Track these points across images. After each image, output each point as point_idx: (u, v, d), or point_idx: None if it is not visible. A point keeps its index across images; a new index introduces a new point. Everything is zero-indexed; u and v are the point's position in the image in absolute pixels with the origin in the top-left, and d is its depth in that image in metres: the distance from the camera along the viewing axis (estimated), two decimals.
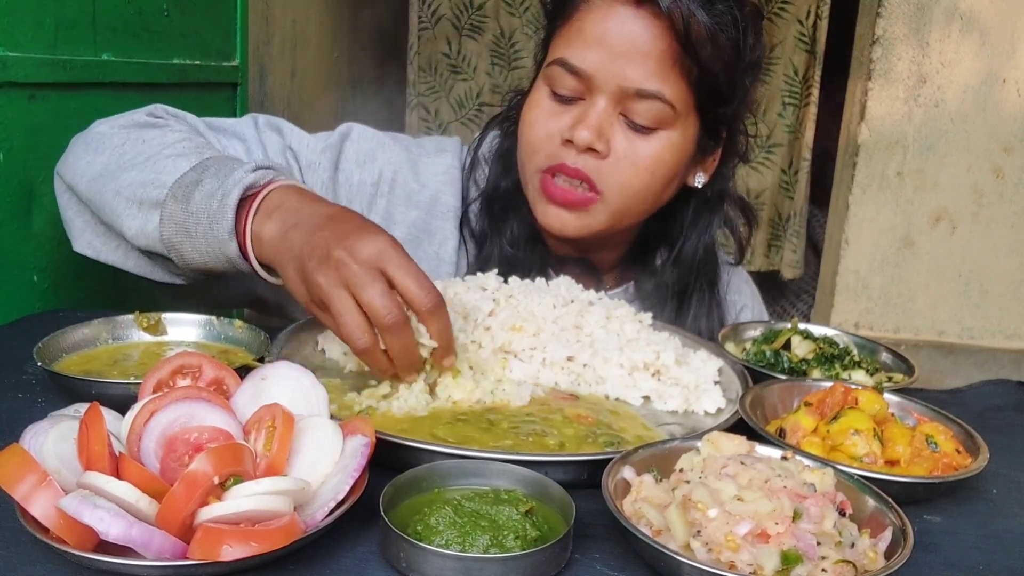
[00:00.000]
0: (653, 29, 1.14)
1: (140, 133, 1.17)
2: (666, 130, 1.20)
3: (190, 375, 0.82)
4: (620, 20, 1.15)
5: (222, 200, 1.01)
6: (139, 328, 1.07)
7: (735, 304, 1.48)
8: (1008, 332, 2.74)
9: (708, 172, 1.33)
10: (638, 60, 1.15)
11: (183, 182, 1.06)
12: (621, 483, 0.74)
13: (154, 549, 0.60)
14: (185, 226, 1.04)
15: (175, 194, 1.05)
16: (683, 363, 1.06)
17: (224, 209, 1.01)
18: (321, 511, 0.67)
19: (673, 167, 1.23)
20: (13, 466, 0.62)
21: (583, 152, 1.18)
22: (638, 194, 1.22)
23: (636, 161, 1.19)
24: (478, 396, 0.95)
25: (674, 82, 1.17)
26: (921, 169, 2.66)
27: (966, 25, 2.57)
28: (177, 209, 1.05)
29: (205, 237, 1.03)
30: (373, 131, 1.36)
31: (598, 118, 1.18)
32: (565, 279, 1.19)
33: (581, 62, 1.17)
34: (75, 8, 1.37)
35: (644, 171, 1.20)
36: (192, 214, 1.04)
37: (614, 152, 1.19)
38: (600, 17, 1.17)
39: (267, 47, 2.48)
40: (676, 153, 1.22)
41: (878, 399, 0.93)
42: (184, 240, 1.05)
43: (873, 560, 0.66)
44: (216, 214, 1.01)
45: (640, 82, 1.15)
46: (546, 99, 1.23)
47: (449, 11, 3.61)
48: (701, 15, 1.13)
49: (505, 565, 0.63)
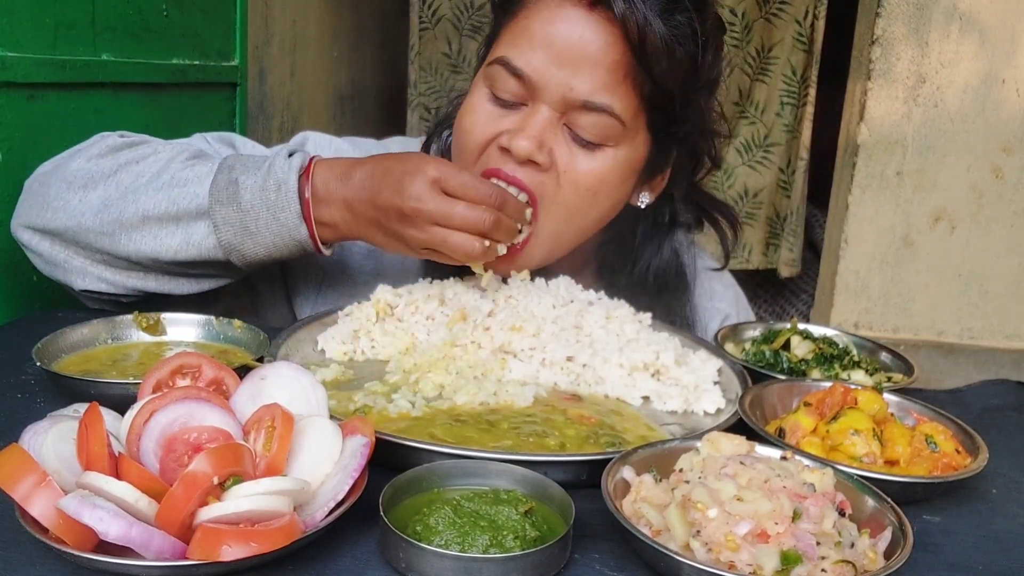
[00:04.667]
0: (605, 36, 1.06)
1: (128, 156, 1.13)
2: (612, 147, 1.11)
3: (189, 375, 0.82)
4: (570, 23, 1.06)
5: (278, 190, 1.05)
6: (138, 328, 1.07)
7: (718, 311, 1.41)
8: (1008, 332, 2.74)
9: (655, 192, 1.25)
10: (587, 69, 1.06)
11: (219, 185, 1.07)
12: (621, 483, 0.74)
13: (153, 549, 0.59)
14: (243, 224, 1.07)
15: (218, 198, 1.07)
16: (683, 363, 1.06)
17: (288, 197, 1.05)
18: (321, 511, 0.67)
19: (617, 187, 1.15)
20: (13, 466, 0.62)
21: (522, 164, 1.10)
22: (576, 215, 1.14)
23: (577, 179, 1.11)
24: (481, 398, 0.95)
25: (624, 95, 1.08)
26: (920, 169, 2.66)
27: (965, 25, 2.57)
28: (229, 211, 1.07)
29: (269, 229, 1.07)
30: (330, 138, 1.32)
31: (540, 128, 1.08)
32: (565, 279, 1.18)
33: (525, 65, 1.08)
34: (75, 8, 1.37)
35: (585, 191, 1.12)
36: (248, 211, 1.06)
37: (555, 166, 1.10)
38: (549, 17, 1.08)
39: (267, 47, 2.48)
40: (621, 172, 1.14)
41: (878, 399, 0.93)
42: (245, 238, 1.08)
43: (873, 560, 0.66)
44: (278, 204, 1.06)
45: (588, 94, 1.07)
46: (484, 101, 1.13)
47: (449, 11, 3.61)
48: (658, 25, 1.05)
49: (505, 565, 0.63)
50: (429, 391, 0.96)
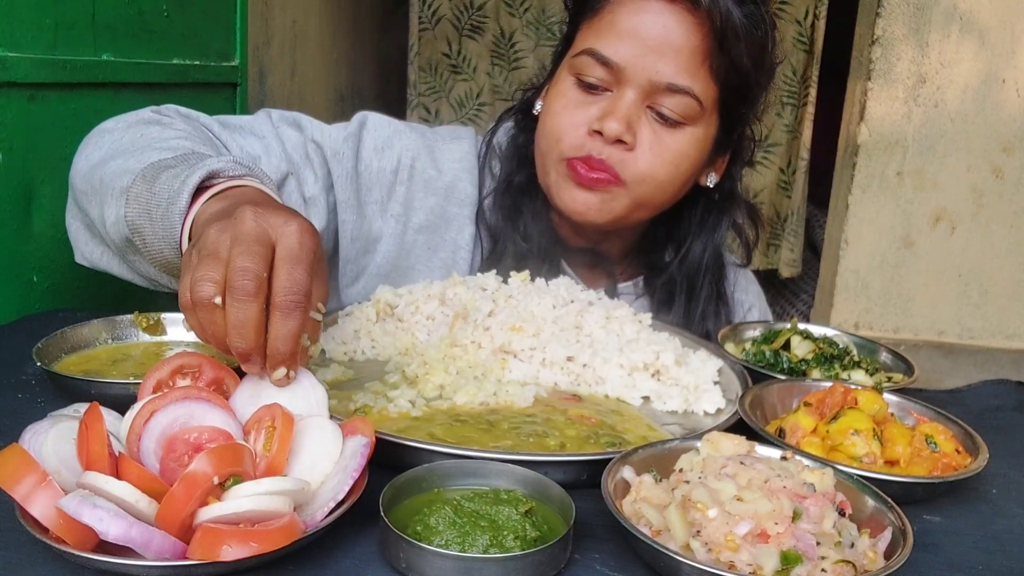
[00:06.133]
0: (687, 24, 1.16)
1: (140, 128, 1.15)
2: (691, 126, 1.21)
3: (190, 375, 0.82)
4: (653, 14, 1.17)
5: (184, 180, 0.92)
6: (139, 328, 1.07)
7: (743, 303, 1.49)
8: (1008, 332, 2.74)
9: (719, 172, 1.34)
10: (670, 55, 1.16)
11: (156, 166, 0.98)
12: (621, 483, 0.74)
13: (154, 549, 0.59)
14: (148, 207, 0.95)
15: (144, 175, 0.98)
16: (683, 363, 1.06)
17: (182, 189, 0.91)
18: (321, 511, 0.67)
19: (695, 162, 1.25)
20: (13, 466, 0.62)
21: (611, 144, 1.19)
22: (660, 185, 1.23)
23: (662, 153, 1.21)
24: (481, 398, 0.95)
25: (703, 78, 1.18)
26: (921, 169, 2.66)
27: (965, 25, 2.57)
28: (143, 189, 0.96)
29: (163, 220, 0.93)
30: (388, 118, 1.36)
31: (627, 110, 1.18)
32: (565, 280, 1.18)
33: (613, 54, 1.18)
34: (75, 8, 1.37)
35: (669, 164, 1.22)
36: (155, 195, 0.94)
37: (640, 144, 1.20)
38: (633, 10, 1.18)
39: (267, 47, 2.48)
40: (699, 149, 1.24)
41: (878, 399, 0.93)
42: (146, 223, 0.96)
43: (873, 560, 0.66)
44: (175, 194, 0.92)
45: (671, 76, 1.17)
46: (572, 89, 1.23)
47: (449, 11, 3.61)
48: (736, 12, 1.15)
49: (505, 565, 0.63)
50: (429, 391, 0.96)
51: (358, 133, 1.31)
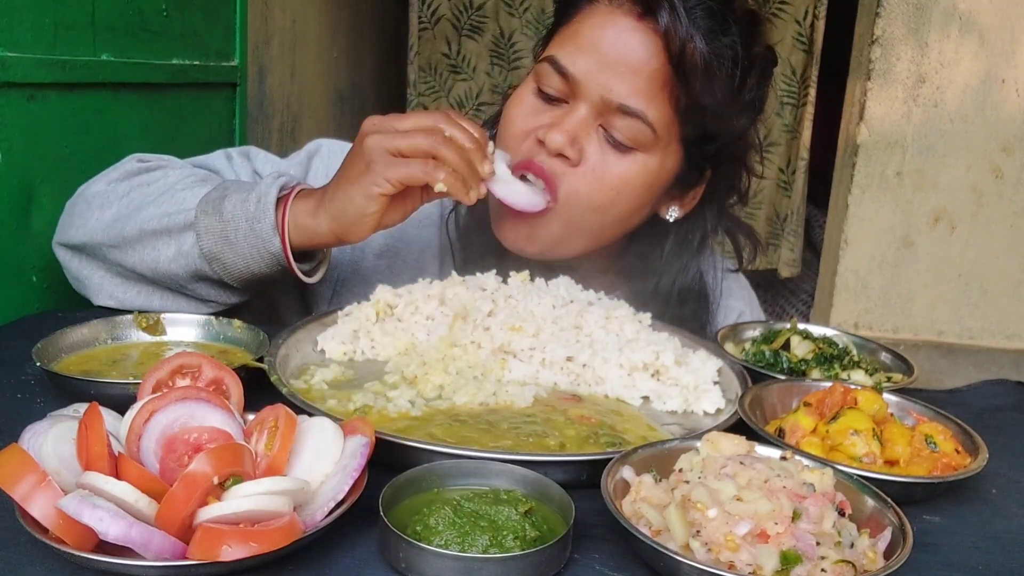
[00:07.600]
0: (649, 47, 1.11)
1: (141, 179, 1.21)
2: (643, 153, 1.16)
3: (189, 375, 0.82)
4: (617, 30, 1.13)
5: (259, 201, 1.08)
6: (138, 328, 1.07)
7: (733, 309, 1.46)
8: (1008, 332, 2.74)
9: (685, 208, 1.29)
10: (627, 74, 1.12)
11: (208, 199, 1.12)
12: (620, 483, 0.74)
13: (153, 549, 0.59)
14: (224, 234, 1.10)
15: (204, 209, 1.11)
16: (682, 363, 1.06)
17: (265, 207, 1.08)
18: (321, 511, 0.67)
19: (642, 192, 1.20)
20: (12, 466, 0.62)
21: (553, 156, 1.16)
22: (596, 209, 1.18)
23: (603, 176, 1.16)
24: (481, 398, 0.95)
25: (660, 105, 1.13)
26: (920, 169, 2.66)
27: (965, 25, 2.57)
28: (212, 221, 1.10)
29: (247, 239, 1.09)
30: (344, 144, 1.34)
31: (575, 124, 1.15)
32: (565, 279, 1.18)
33: (570, 64, 1.15)
34: (74, 8, 1.37)
35: (609, 188, 1.17)
36: (228, 221, 1.09)
37: (585, 162, 1.16)
38: (598, 23, 1.14)
39: (266, 47, 2.48)
40: (648, 178, 1.19)
41: (877, 399, 0.93)
42: (224, 248, 1.10)
43: (872, 560, 0.66)
44: (255, 214, 1.08)
45: (624, 97, 1.13)
46: (530, 95, 1.21)
47: (449, 11, 3.61)
48: (699, 43, 1.10)
49: (504, 565, 0.63)
50: (429, 391, 0.96)
51: (306, 163, 1.33)
